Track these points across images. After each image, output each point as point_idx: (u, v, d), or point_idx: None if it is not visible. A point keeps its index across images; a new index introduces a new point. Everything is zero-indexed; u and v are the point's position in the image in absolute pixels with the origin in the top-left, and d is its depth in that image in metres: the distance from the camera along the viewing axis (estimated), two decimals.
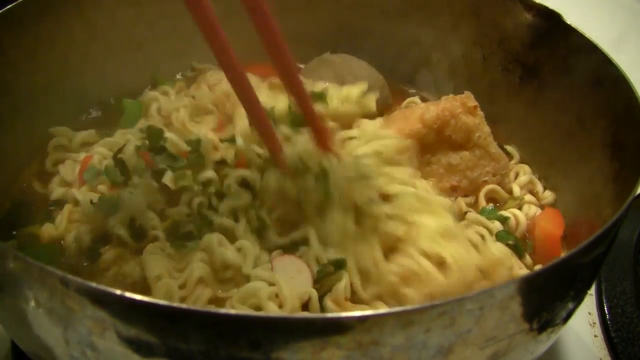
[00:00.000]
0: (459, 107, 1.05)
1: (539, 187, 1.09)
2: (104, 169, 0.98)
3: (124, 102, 1.15)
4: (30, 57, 1.03)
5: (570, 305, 0.75)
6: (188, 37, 1.21)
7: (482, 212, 1.03)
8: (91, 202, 0.93)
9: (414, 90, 1.28)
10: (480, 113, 1.07)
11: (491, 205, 1.06)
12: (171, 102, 1.13)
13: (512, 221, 1.03)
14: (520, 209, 1.05)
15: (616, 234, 0.77)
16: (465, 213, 1.03)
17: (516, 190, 1.08)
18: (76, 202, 0.98)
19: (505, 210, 1.05)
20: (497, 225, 1.00)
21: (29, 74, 1.04)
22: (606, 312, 1.02)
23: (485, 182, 1.07)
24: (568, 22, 1.04)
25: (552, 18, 1.07)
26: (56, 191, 1.02)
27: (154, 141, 0.98)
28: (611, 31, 1.25)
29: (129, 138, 1.02)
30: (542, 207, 1.07)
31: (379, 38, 1.27)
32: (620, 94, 0.91)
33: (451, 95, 1.08)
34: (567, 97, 1.05)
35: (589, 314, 1.03)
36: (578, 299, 0.78)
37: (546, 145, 1.11)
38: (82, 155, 1.05)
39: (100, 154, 1.03)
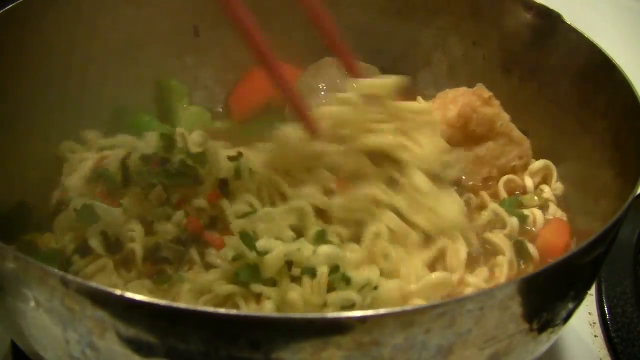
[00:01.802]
0: (476, 100, 1.06)
1: (554, 172, 1.08)
2: (104, 172, 0.95)
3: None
4: (31, 57, 1.03)
5: (570, 305, 0.75)
6: (189, 37, 1.22)
7: (501, 204, 1.03)
8: (74, 209, 0.90)
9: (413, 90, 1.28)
10: (496, 102, 1.07)
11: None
12: None
13: (530, 220, 1.02)
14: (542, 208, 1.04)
15: (616, 234, 0.77)
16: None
17: (529, 183, 1.07)
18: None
19: (528, 208, 1.04)
20: (514, 222, 1.00)
21: (29, 74, 1.04)
22: (606, 312, 1.02)
23: (514, 167, 1.08)
24: (568, 22, 1.04)
25: (552, 18, 1.06)
26: (54, 197, 0.99)
27: (163, 151, 0.96)
28: (611, 31, 1.25)
29: (138, 144, 0.99)
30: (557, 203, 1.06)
31: (379, 38, 1.27)
32: (620, 94, 0.91)
33: (463, 88, 1.09)
34: (566, 97, 1.05)
35: (589, 314, 1.03)
36: (578, 299, 0.78)
37: (545, 145, 1.11)
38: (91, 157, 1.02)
39: (117, 156, 0.98)
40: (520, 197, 1.06)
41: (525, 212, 1.03)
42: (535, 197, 1.06)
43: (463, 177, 1.06)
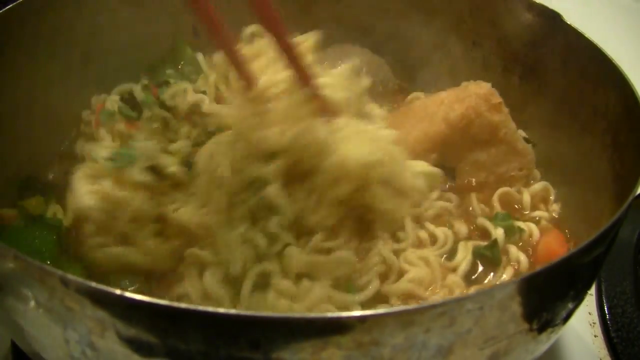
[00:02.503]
0: (483, 104, 1.03)
1: (552, 195, 1.07)
2: (117, 108, 1.09)
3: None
4: (31, 57, 1.03)
5: (570, 305, 0.75)
6: (189, 37, 1.22)
7: (495, 217, 1.01)
8: (106, 159, 0.93)
9: (413, 92, 1.28)
10: (505, 109, 1.05)
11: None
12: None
13: (526, 235, 1.00)
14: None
15: (616, 234, 0.77)
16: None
17: (526, 198, 1.05)
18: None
19: (523, 222, 1.02)
20: (499, 233, 0.98)
21: (29, 74, 1.04)
22: (606, 312, 1.02)
23: (513, 177, 1.06)
24: (568, 22, 1.04)
25: (552, 18, 1.07)
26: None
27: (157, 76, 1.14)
28: (611, 31, 1.25)
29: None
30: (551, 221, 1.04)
31: (379, 38, 1.27)
32: (620, 94, 0.91)
33: (471, 84, 1.07)
34: (566, 97, 1.05)
35: (589, 314, 1.03)
36: (578, 299, 0.78)
37: (545, 145, 1.11)
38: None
39: (114, 100, 1.12)
40: (512, 220, 1.02)
41: (522, 225, 1.00)
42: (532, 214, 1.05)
43: (457, 178, 1.06)
